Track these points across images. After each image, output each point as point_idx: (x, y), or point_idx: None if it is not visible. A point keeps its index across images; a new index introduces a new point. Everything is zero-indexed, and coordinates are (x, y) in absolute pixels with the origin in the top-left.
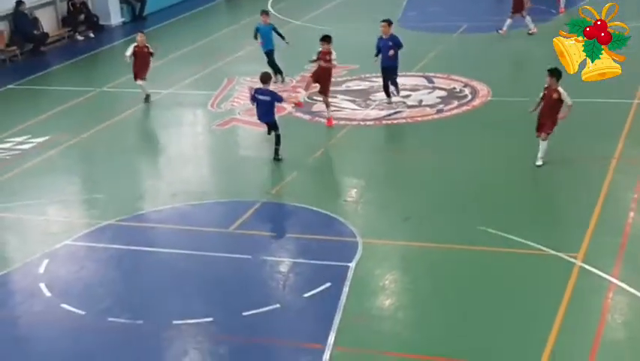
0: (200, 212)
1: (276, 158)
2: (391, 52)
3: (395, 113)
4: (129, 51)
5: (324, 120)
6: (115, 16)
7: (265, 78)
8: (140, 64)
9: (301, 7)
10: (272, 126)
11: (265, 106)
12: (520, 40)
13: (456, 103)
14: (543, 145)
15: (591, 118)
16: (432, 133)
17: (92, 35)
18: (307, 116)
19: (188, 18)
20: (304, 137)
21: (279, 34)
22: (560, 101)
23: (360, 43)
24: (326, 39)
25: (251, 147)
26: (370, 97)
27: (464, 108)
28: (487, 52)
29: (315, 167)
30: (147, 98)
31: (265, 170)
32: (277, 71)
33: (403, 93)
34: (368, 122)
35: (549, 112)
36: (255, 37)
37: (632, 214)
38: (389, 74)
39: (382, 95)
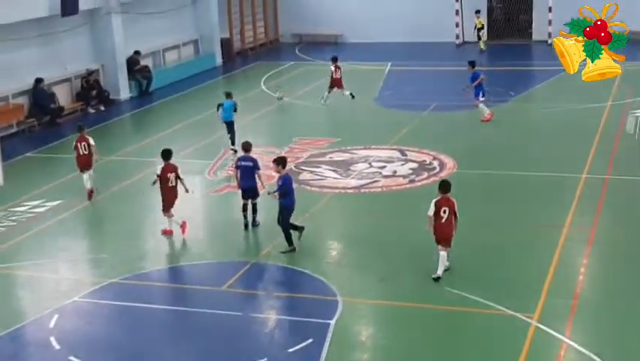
0: (196, 271)
1: (254, 224)
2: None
3: (372, 182)
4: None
5: (309, 188)
6: (124, 92)
7: (247, 146)
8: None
9: (289, 85)
10: (253, 193)
11: (248, 172)
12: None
13: (426, 174)
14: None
15: (544, 190)
16: (405, 201)
17: (102, 108)
18: (293, 185)
19: (189, 94)
20: None
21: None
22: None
23: (340, 119)
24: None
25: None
26: (350, 167)
27: (432, 179)
28: (454, 128)
29: None
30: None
31: (255, 233)
32: (233, 141)
33: (379, 164)
34: (348, 191)
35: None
36: (218, 110)
37: (581, 278)
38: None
39: (362, 165)
